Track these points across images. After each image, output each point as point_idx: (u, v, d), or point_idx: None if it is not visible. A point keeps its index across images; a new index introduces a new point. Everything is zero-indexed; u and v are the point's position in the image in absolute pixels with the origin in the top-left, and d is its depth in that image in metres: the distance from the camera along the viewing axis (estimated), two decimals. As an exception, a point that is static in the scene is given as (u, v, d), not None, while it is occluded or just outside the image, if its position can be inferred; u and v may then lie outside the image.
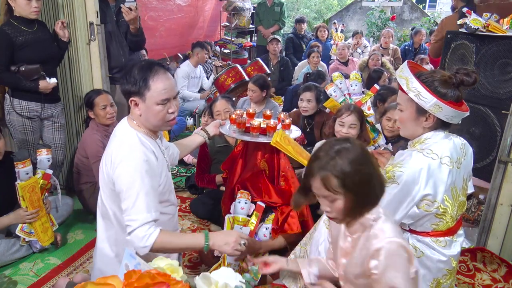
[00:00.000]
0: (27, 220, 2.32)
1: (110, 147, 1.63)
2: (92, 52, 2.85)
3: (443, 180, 1.51)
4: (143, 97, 1.57)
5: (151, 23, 5.25)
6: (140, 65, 1.61)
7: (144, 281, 0.88)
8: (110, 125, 2.75)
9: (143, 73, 1.57)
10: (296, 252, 1.99)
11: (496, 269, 2.13)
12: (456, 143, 1.59)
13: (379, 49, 5.99)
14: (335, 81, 3.00)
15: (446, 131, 1.61)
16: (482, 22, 2.37)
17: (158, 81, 1.57)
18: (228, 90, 4.00)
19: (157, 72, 1.58)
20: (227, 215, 2.15)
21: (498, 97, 2.33)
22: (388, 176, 1.53)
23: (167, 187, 1.73)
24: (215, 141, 2.80)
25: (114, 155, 1.56)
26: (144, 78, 1.56)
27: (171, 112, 1.62)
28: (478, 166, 2.47)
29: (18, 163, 2.23)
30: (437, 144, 1.54)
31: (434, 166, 1.50)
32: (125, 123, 1.66)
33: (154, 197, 1.56)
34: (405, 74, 1.55)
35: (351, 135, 2.53)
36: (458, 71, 1.52)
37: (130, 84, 1.58)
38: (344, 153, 1.19)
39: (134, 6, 2.92)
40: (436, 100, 1.47)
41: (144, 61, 1.66)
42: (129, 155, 1.54)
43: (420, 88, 1.49)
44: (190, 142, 2.12)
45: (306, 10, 13.32)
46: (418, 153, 1.53)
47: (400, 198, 1.50)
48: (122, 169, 1.53)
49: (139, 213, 1.49)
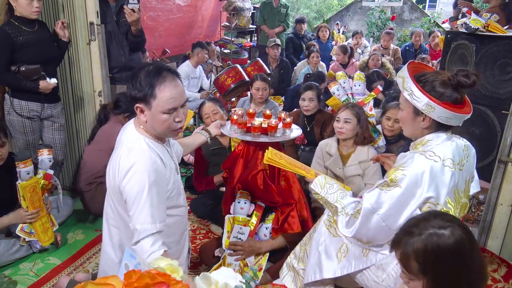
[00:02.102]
0: (27, 220, 2.32)
1: (117, 153, 1.57)
2: (92, 52, 2.85)
3: (446, 182, 1.50)
4: (148, 105, 1.51)
5: (150, 23, 5.25)
6: (147, 69, 1.53)
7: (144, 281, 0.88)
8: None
9: (150, 79, 1.50)
10: (296, 252, 1.99)
11: (496, 269, 2.13)
12: (459, 145, 1.59)
13: (379, 49, 6.00)
14: (339, 80, 3.01)
15: (449, 132, 1.60)
16: (482, 22, 2.37)
17: (165, 89, 1.50)
18: (228, 90, 4.00)
19: (165, 79, 1.51)
20: (227, 215, 2.16)
21: (498, 97, 2.34)
22: (391, 179, 1.53)
23: (175, 191, 1.69)
24: (208, 144, 2.79)
25: (122, 163, 1.52)
26: (150, 85, 1.49)
27: (178, 121, 1.56)
28: (478, 166, 2.46)
29: (19, 163, 2.23)
30: (439, 146, 1.54)
31: (436, 168, 1.49)
32: (132, 129, 1.61)
33: (161, 207, 1.53)
34: (403, 74, 1.56)
35: (345, 130, 2.54)
36: (457, 72, 1.51)
37: (135, 90, 1.51)
38: (436, 239, 1.08)
39: (137, 8, 2.92)
40: (428, 100, 1.47)
41: (152, 65, 1.57)
42: (138, 164, 1.50)
43: (413, 87, 1.50)
44: (192, 141, 2.12)
45: (306, 10, 13.32)
46: (420, 156, 1.52)
47: (404, 201, 1.50)
48: (130, 178, 1.49)
49: (144, 223, 1.47)
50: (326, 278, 1.75)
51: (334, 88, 3.00)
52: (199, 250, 2.50)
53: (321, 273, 1.75)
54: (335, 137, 2.70)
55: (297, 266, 1.94)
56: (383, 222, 1.52)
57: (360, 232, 1.56)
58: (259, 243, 2.15)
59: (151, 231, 1.47)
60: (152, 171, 1.50)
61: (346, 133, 2.56)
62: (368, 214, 1.53)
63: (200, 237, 2.77)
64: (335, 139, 2.70)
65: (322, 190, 1.72)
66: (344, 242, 1.73)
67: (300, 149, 3.38)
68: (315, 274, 1.77)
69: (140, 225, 1.47)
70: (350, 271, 1.70)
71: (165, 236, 1.68)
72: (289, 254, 2.02)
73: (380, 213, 1.52)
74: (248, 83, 3.96)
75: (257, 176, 2.15)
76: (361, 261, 1.68)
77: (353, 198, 1.67)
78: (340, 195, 1.68)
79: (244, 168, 2.19)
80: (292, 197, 2.17)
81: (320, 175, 1.80)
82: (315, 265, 1.78)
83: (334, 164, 2.63)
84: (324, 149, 2.72)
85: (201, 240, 2.73)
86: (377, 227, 1.53)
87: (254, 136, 2.10)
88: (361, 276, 1.72)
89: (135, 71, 1.57)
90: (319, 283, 1.83)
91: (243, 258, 2.12)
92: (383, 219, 1.52)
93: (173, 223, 1.72)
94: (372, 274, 1.68)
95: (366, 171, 2.56)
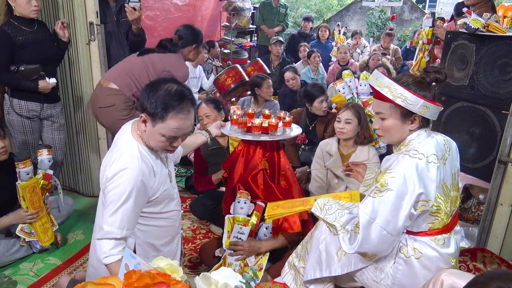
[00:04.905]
0: (27, 220, 2.32)
1: (110, 156, 1.59)
2: (92, 52, 2.85)
3: (433, 178, 1.53)
4: (153, 122, 1.52)
5: (149, 23, 5.25)
6: (169, 90, 1.50)
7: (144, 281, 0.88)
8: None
9: (168, 102, 1.48)
10: (298, 251, 1.99)
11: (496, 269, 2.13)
12: (439, 140, 1.62)
13: (379, 49, 6.00)
14: (345, 78, 3.04)
15: (428, 129, 1.64)
16: (482, 22, 2.37)
17: (176, 119, 1.50)
18: (228, 90, 4.00)
19: (182, 109, 1.50)
20: (227, 215, 2.15)
21: (498, 97, 2.33)
22: (381, 184, 1.54)
23: (167, 198, 1.72)
24: (207, 144, 2.79)
25: (112, 165, 1.54)
26: (165, 108, 1.48)
27: (174, 146, 1.59)
28: (478, 166, 2.47)
29: (19, 163, 2.23)
30: (421, 144, 1.57)
31: (421, 165, 1.52)
32: (128, 133, 1.62)
33: (133, 216, 1.56)
34: (385, 83, 1.57)
35: (346, 130, 2.54)
36: (428, 70, 1.59)
37: (149, 103, 1.50)
38: None
39: (138, 6, 2.92)
40: (424, 101, 1.53)
41: (177, 86, 1.53)
42: (125, 171, 1.51)
43: (406, 93, 1.53)
44: (193, 141, 2.13)
45: (306, 10, 13.31)
46: (404, 156, 1.55)
47: (398, 203, 1.51)
48: (114, 182, 1.52)
49: (112, 226, 1.50)
50: (326, 276, 1.75)
51: (340, 86, 3.04)
52: (199, 250, 2.50)
53: (321, 271, 1.75)
54: (335, 137, 2.70)
55: (298, 264, 1.94)
56: (384, 231, 1.51)
57: (362, 247, 1.55)
58: (259, 242, 2.15)
59: (115, 236, 1.51)
60: (137, 181, 1.52)
61: (347, 133, 2.56)
62: (367, 225, 1.52)
63: (200, 237, 2.77)
64: (336, 139, 2.70)
65: (321, 212, 1.71)
66: None
67: (301, 149, 3.38)
68: (314, 271, 1.77)
69: (108, 226, 1.51)
70: (350, 270, 1.70)
71: (155, 238, 1.74)
72: (291, 253, 2.03)
73: (378, 222, 1.51)
74: (248, 83, 3.96)
75: (257, 176, 2.15)
76: (361, 260, 1.68)
77: (350, 214, 1.66)
78: (339, 214, 1.66)
79: (244, 168, 2.19)
80: (292, 196, 2.17)
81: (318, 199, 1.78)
82: (315, 263, 1.78)
83: (335, 164, 2.63)
84: (324, 149, 2.72)
85: (201, 240, 2.73)
86: (380, 237, 1.52)
87: (255, 136, 2.10)
88: (360, 275, 1.72)
89: (157, 82, 1.54)
90: (319, 281, 1.83)
91: (243, 258, 2.12)
92: (383, 227, 1.51)
93: (164, 226, 1.76)
94: (371, 273, 1.69)
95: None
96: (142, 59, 2.65)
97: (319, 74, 5.24)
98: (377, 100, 1.63)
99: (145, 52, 2.69)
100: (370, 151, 2.59)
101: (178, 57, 2.71)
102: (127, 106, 2.61)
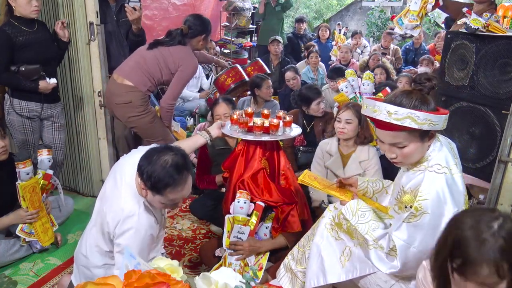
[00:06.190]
0: (27, 220, 2.32)
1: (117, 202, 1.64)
2: (92, 52, 2.85)
3: (460, 190, 1.48)
4: (152, 193, 1.56)
5: (147, 22, 5.25)
6: (165, 165, 1.50)
7: (144, 281, 0.88)
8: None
9: (163, 180, 1.50)
10: (294, 253, 1.98)
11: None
12: (446, 146, 1.57)
13: (379, 49, 6.00)
14: (348, 78, 3.04)
15: (437, 137, 1.58)
16: (482, 22, 2.37)
17: (174, 192, 1.53)
18: (228, 90, 3.99)
19: (179, 183, 1.52)
20: (227, 215, 2.15)
21: (498, 97, 2.33)
22: (415, 208, 1.47)
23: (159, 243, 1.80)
24: (215, 144, 2.77)
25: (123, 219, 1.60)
26: (162, 186, 1.51)
27: (175, 207, 1.69)
28: (478, 166, 2.47)
29: (19, 163, 2.23)
30: (438, 157, 1.51)
31: (450, 180, 1.47)
32: (133, 186, 1.65)
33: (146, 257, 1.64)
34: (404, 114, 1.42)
35: (347, 130, 2.54)
36: (419, 80, 1.53)
37: (146, 176, 1.51)
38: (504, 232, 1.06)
39: (139, 6, 2.93)
40: (432, 116, 1.43)
41: (172, 160, 1.52)
42: (139, 228, 1.59)
43: (429, 116, 1.43)
44: (191, 144, 2.12)
45: (306, 10, 13.29)
46: (430, 173, 1.48)
47: (435, 224, 1.45)
48: (129, 237, 1.58)
49: None
50: (331, 283, 1.72)
51: (343, 85, 3.05)
52: (199, 250, 2.50)
53: (325, 278, 1.71)
54: (335, 137, 2.70)
55: (295, 268, 1.92)
56: (420, 253, 1.47)
57: (402, 272, 1.52)
58: (260, 242, 2.15)
59: None
60: (150, 236, 1.62)
61: (347, 133, 2.56)
62: (405, 250, 1.48)
63: (200, 237, 2.77)
64: (336, 139, 2.70)
65: (353, 218, 1.63)
66: (347, 245, 1.70)
67: (300, 151, 3.37)
68: (318, 279, 1.73)
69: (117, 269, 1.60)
70: (355, 275, 1.65)
71: None
72: (287, 255, 2.02)
73: (415, 245, 1.47)
74: (248, 83, 3.95)
75: (258, 175, 2.15)
76: (367, 265, 1.62)
77: (384, 230, 1.59)
78: (372, 226, 1.59)
79: (244, 167, 2.19)
80: (292, 196, 2.17)
81: (354, 199, 1.71)
82: (318, 270, 1.74)
83: (335, 164, 2.63)
84: (325, 149, 2.72)
85: (201, 240, 2.73)
86: (417, 259, 1.47)
87: (256, 135, 2.10)
88: (364, 280, 1.67)
89: (153, 153, 1.54)
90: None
91: (243, 257, 2.12)
92: (420, 250, 1.47)
93: None
94: (377, 279, 1.62)
95: (367, 171, 2.56)
96: (153, 53, 2.71)
97: (319, 74, 5.24)
98: (390, 132, 1.50)
99: (155, 44, 2.73)
100: (370, 151, 2.59)
101: (187, 50, 2.76)
102: (143, 102, 2.69)
